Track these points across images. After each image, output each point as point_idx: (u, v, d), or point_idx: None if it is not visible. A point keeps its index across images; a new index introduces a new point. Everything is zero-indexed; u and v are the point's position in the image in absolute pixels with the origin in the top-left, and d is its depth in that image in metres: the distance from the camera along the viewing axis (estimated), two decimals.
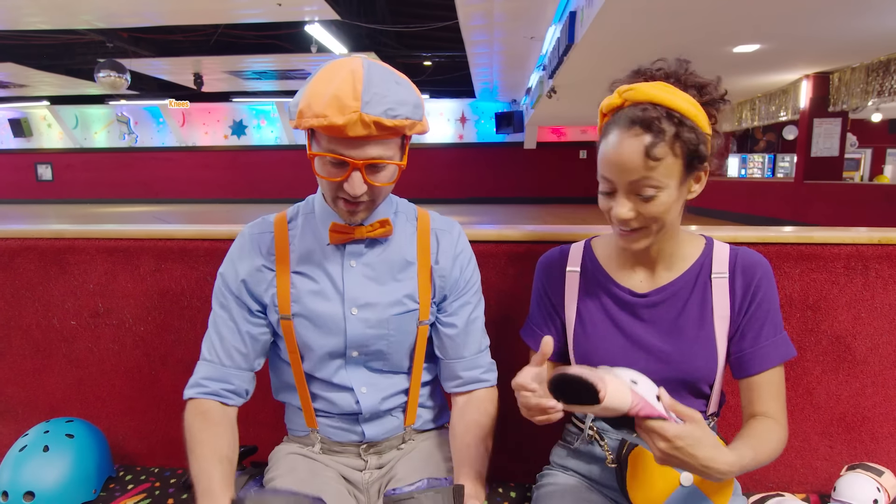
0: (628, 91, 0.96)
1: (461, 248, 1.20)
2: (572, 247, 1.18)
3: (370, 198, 1.04)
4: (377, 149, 0.98)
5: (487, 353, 1.22)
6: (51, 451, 1.33)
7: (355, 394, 1.16)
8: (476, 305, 1.21)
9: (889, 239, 1.31)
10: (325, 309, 1.12)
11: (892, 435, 1.39)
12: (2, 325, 1.54)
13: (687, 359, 1.05)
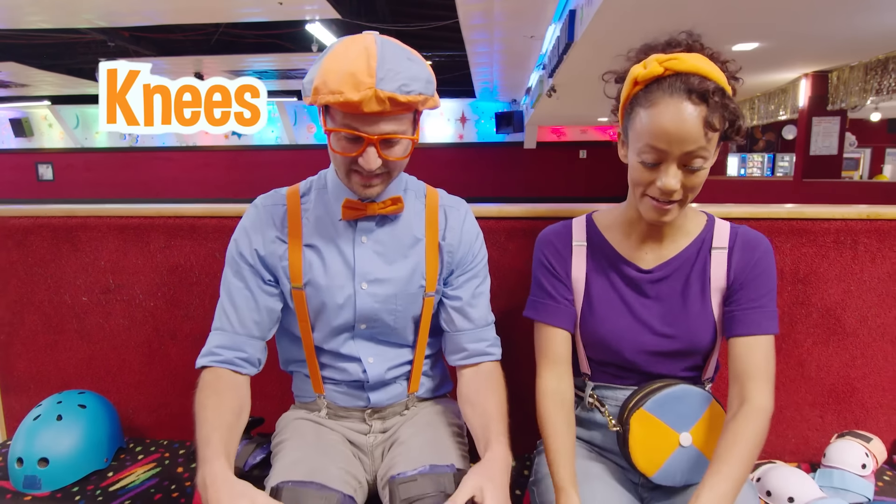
0: (671, 60, 0.94)
1: (469, 225, 1.23)
2: (574, 221, 1.19)
3: (386, 171, 1.07)
4: (391, 124, 1.01)
5: (493, 328, 1.24)
6: (64, 420, 1.37)
7: (363, 363, 1.20)
8: (482, 280, 1.24)
9: (877, 214, 1.35)
10: (336, 283, 1.15)
11: (880, 405, 1.43)
12: (15, 302, 1.58)
13: (689, 334, 1.09)
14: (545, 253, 1.17)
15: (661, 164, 0.97)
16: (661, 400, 1.06)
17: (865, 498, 1.26)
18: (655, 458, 1.06)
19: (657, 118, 0.94)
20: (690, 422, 1.06)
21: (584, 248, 1.15)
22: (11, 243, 1.56)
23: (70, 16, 8.31)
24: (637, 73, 0.97)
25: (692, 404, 1.07)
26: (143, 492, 1.32)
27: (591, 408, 1.17)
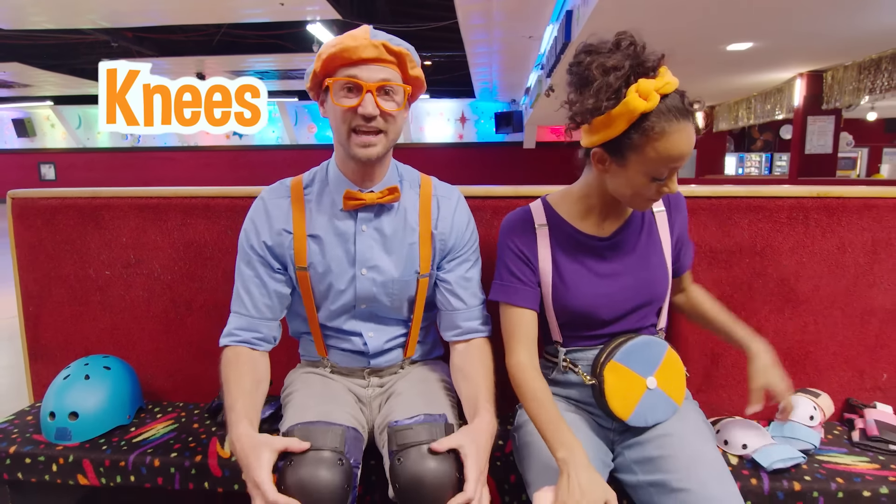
0: (664, 86, 1.04)
1: (459, 214, 1.34)
2: (532, 207, 1.30)
3: (384, 128, 1.18)
4: (385, 72, 1.16)
5: (483, 307, 1.35)
6: (91, 379, 1.51)
7: (364, 337, 1.34)
8: (473, 264, 1.36)
9: (826, 192, 1.50)
10: (338, 269, 1.28)
11: (832, 366, 1.57)
12: (43, 276, 1.73)
13: (649, 283, 1.24)
14: (512, 239, 1.27)
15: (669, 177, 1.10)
16: (627, 350, 1.21)
17: (812, 445, 1.39)
18: (628, 402, 1.21)
19: (674, 146, 1.05)
20: (654, 367, 1.22)
21: (545, 228, 1.27)
22: (40, 222, 1.70)
23: (73, 16, 8.41)
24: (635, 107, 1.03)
25: (653, 351, 1.23)
26: (163, 443, 1.47)
27: (566, 370, 1.29)
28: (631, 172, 1.11)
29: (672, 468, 1.11)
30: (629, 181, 1.12)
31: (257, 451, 1.07)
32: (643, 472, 1.16)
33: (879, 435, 1.42)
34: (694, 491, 1.05)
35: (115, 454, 1.41)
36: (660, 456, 1.15)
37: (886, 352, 1.56)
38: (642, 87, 1.03)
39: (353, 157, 1.21)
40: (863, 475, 1.30)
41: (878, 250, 1.52)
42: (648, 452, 1.18)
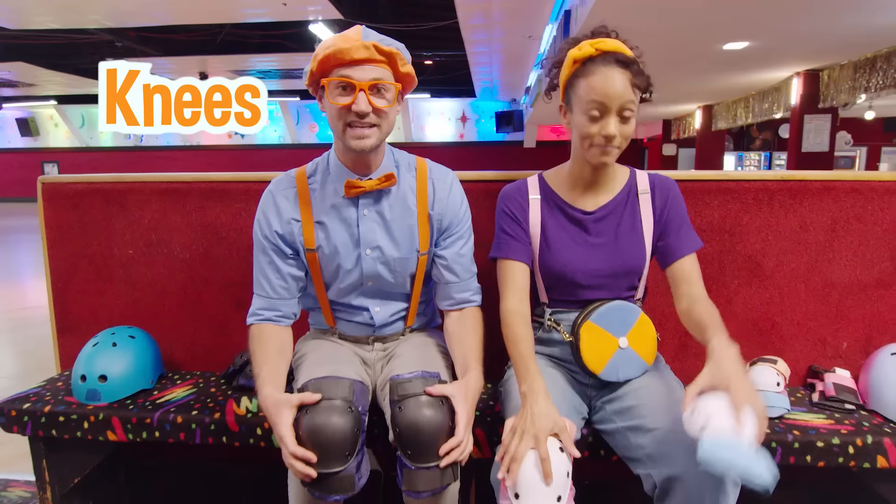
0: (600, 43, 1.26)
1: (454, 194, 1.46)
2: (528, 180, 1.46)
3: (377, 122, 1.30)
4: (377, 71, 1.27)
5: (475, 279, 1.50)
6: (118, 346, 1.66)
7: (370, 312, 1.49)
8: (466, 240, 1.48)
9: (789, 176, 1.64)
10: (344, 251, 1.42)
11: (795, 336, 1.72)
12: (70, 255, 1.87)
13: (625, 255, 1.39)
14: (507, 204, 1.43)
15: (603, 118, 1.26)
16: (602, 312, 1.36)
17: (785, 409, 1.52)
18: (601, 358, 1.35)
19: (599, 83, 1.24)
20: (626, 329, 1.36)
21: (538, 200, 1.43)
22: (69, 205, 1.85)
23: (77, 16, 8.52)
24: (574, 55, 1.28)
25: (626, 315, 1.37)
26: (185, 403, 1.61)
27: (550, 329, 1.45)
28: (576, 116, 1.29)
29: (646, 413, 1.25)
30: (577, 126, 1.30)
31: (279, 408, 1.23)
32: (621, 419, 1.30)
33: (837, 395, 1.56)
34: (666, 428, 1.19)
35: (141, 412, 1.56)
36: (635, 405, 1.29)
37: (846, 322, 1.70)
38: (582, 42, 1.28)
39: (349, 148, 1.32)
40: (818, 429, 1.44)
41: (836, 229, 1.66)
42: (625, 403, 1.32)
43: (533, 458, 1.09)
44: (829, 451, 1.40)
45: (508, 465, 1.10)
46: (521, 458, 1.09)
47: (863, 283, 1.68)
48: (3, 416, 1.59)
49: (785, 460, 1.41)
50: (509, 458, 1.10)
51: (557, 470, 1.09)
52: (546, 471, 1.07)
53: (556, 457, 1.10)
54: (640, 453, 1.21)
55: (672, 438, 1.15)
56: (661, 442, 1.18)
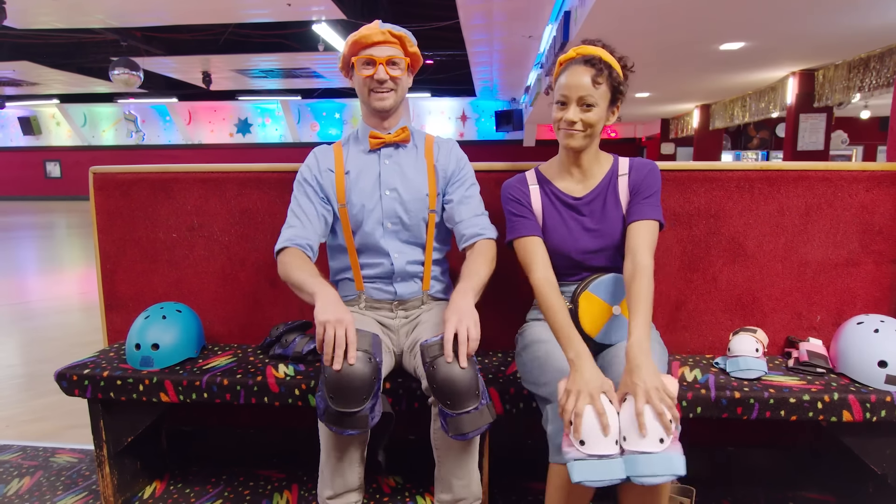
0: (581, 49, 1.52)
1: (455, 151, 1.76)
2: (526, 173, 1.68)
3: (393, 87, 1.64)
4: (391, 50, 1.62)
5: (485, 217, 1.70)
6: (167, 319, 1.85)
7: (391, 257, 1.69)
8: (470, 186, 1.73)
9: (768, 166, 1.84)
10: (368, 192, 1.69)
11: (774, 309, 1.91)
12: (119, 238, 2.06)
13: (613, 232, 1.59)
14: (512, 192, 1.64)
15: (567, 106, 1.50)
16: (598, 283, 1.56)
17: (763, 371, 1.71)
18: (597, 324, 1.55)
19: (565, 78, 1.50)
20: (619, 298, 1.56)
21: (537, 188, 1.64)
22: (118, 193, 2.04)
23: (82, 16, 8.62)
24: (560, 58, 1.56)
25: (619, 286, 1.57)
26: (228, 369, 1.80)
27: None
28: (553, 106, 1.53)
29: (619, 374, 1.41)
30: (553, 111, 1.53)
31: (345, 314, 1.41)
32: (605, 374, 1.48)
33: (809, 360, 1.75)
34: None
35: (191, 376, 1.75)
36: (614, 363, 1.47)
37: (819, 297, 1.90)
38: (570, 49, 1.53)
39: (373, 108, 1.66)
40: (791, 387, 1.63)
41: (810, 213, 1.86)
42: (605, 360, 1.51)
43: (591, 411, 1.26)
44: (800, 407, 1.59)
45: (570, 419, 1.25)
46: (581, 412, 1.26)
47: (834, 261, 1.88)
48: (66, 380, 1.78)
49: (762, 415, 1.60)
50: (569, 414, 1.25)
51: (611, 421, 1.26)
52: (604, 423, 1.24)
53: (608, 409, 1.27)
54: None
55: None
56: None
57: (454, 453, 1.56)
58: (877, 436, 1.63)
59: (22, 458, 2.26)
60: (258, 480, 2.04)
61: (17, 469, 2.17)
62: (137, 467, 1.98)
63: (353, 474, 1.61)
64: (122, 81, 10.28)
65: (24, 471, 2.15)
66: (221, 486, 2.01)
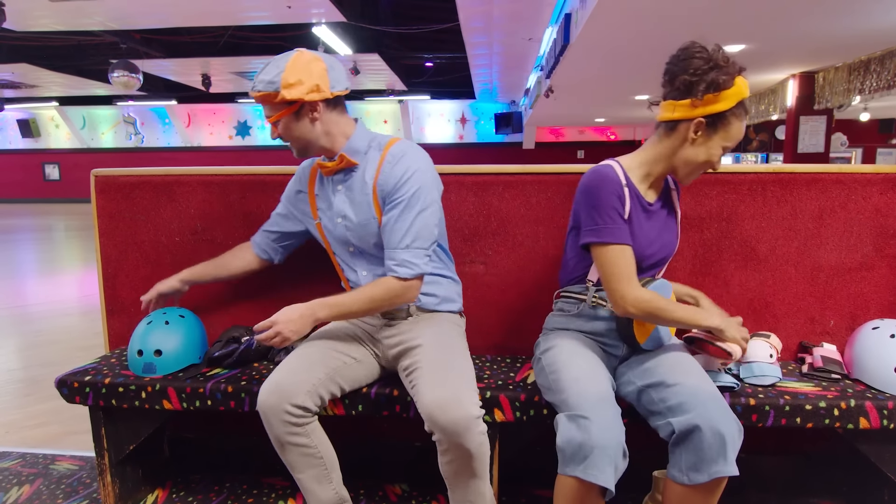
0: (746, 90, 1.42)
1: (400, 166, 1.55)
2: (614, 167, 1.50)
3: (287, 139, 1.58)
4: (266, 110, 1.54)
5: (408, 251, 1.53)
6: (170, 324, 1.82)
7: (358, 275, 1.68)
8: (403, 210, 1.53)
9: (780, 168, 1.81)
10: (329, 218, 1.67)
11: (787, 314, 1.88)
12: (122, 242, 2.03)
13: (670, 241, 1.60)
14: (615, 188, 1.48)
15: (724, 153, 1.48)
16: (656, 286, 1.52)
17: (777, 378, 1.69)
18: (645, 330, 1.53)
19: (742, 129, 1.45)
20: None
21: (627, 188, 1.50)
22: (120, 196, 2.01)
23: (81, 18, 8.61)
24: (743, 95, 1.41)
25: (666, 292, 1.55)
26: (233, 376, 1.77)
27: (594, 306, 1.58)
28: (714, 142, 1.44)
29: (664, 371, 1.43)
30: (709, 150, 1.45)
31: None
32: (641, 379, 1.46)
33: (824, 366, 1.72)
34: (685, 384, 1.37)
35: (195, 383, 1.71)
36: (655, 366, 1.47)
37: (832, 302, 1.87)
38: (737, 81, 1.41)
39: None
40: (806, 394, 1.60)
41: (824, 216, 1.83)
42: (645, 365, 1.50)
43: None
44: (816, 414, 1.56)
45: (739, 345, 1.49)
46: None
47: (847, 265, 1.85)
48: (66, 387, 1.75)
49: (777, 422, 1.57)
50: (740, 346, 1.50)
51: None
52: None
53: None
54: (661, 406, 1.38)
55: (693, 391, 1.34)
56: (681, 395, 1.35)
57: (463, 481, 1.49)
58: (893, 443, 1.60)
59: (22, 465, 2.23)
60: (262, 488, 2.01)
61: (17, 477, 2.13)
62: (139, 475, 1.95)
63: (326, 491, 1.57)
64: (121, 84, 10.25)
65: (24, 478, 2.12)
66: (224, 495, 1.98)
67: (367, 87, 14.34)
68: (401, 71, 12.66)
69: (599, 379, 1.42)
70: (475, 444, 1.39)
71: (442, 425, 1.36)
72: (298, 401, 1.47)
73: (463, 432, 1.36)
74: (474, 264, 1.95)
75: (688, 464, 1.30)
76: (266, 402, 1.47)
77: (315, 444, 1.51)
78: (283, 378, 1.50)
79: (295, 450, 1.50)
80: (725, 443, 1.27)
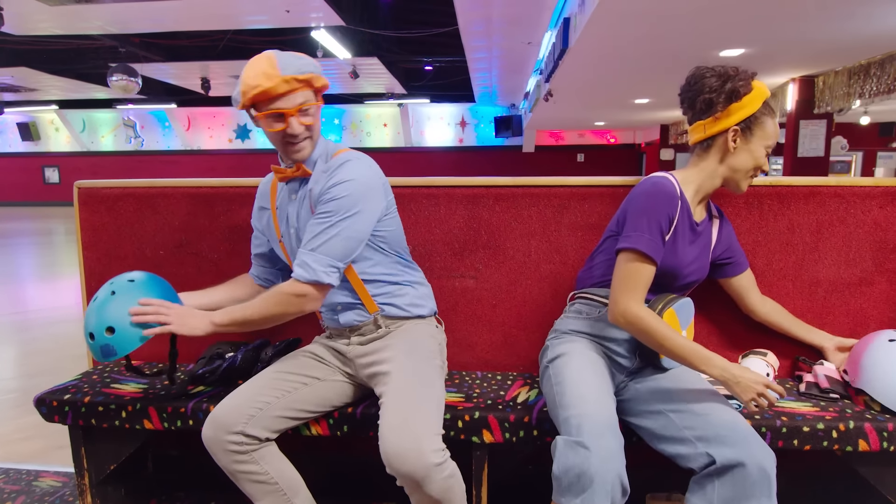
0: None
1: (336, 175, 1.46)
2: (670, 179, 1.49)
3: (308, 136, 1.48)
4: (301, 97, 1.43)
5: (311, 254, 1.43)
6: (117, 294, 1.46)
7: None
8: (318, 217, 1.45)
9: (778, 181, 1.76)
10: (286, 231, 1.59)
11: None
12: (105, 255, 1.99)
13: (706, 264, 1.58)
14: (669, 201, 1.45)
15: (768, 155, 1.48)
16: (681, 304, 1.49)
17: (776, 397, 1.64)
18: None
19: (777, 127, 1.48)
20: (687, 323, 1.52)
21: (680, 201, 1.49)
22: (104, 208, 1.97)
23: (81, 22, 8.62)
24: (766, 95, 1.45)
25: (690, 311, 1.53)
26: (215, 394, 1.71)
27: None
28: (754, 145, 1.47)
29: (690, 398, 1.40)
30: (752, 154, 1.47)
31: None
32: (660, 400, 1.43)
33: (831, 388, 1.66)
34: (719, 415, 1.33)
35: (177, 402, 1.67)
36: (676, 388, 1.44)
37: (831, 318, 1.83)
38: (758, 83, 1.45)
39: (293, 160, 1.52)
40: (804, 415, 1.56)
41: (822, 230, 1.79)
42: (663, 385, 1.47)
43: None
44: (814, 436, 1.51)
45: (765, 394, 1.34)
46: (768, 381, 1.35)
47: (846, 281, 1.81)
48: (45, 406, 1.71)
49: (774, 444, 1.52)
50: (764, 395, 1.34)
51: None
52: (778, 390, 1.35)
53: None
54: (687, 434, 1.33)
55: (731, 425, 1.30)
56: (717, 427, 1.30)
57: None
58: (894, 465, 1.55)
59: (4, 481, 2.18)
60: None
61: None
62: (122, 494, 1.91)
63: None
64: (119, 88, 10.26)
65: (6, 496, 2.07)
66: None
67: (366, 90, 14.32)
68: (400, 74, 12.64)
69: (605, 401, 1.37)
70: (438, 489, 1.32)
71: (402, 474, 1.30)
72: (237, 429, 1.44)
73: (423, 481, 1.30)
74: (464, 279, 1.90)
75: (722, 498, 1.26)
76: (206, 435, 1.46)
77: (265, 469, 1.47)
78: (221, 409, 1.47)
79: (244, 477, 1.47)
80: (770, 479, 1.25)
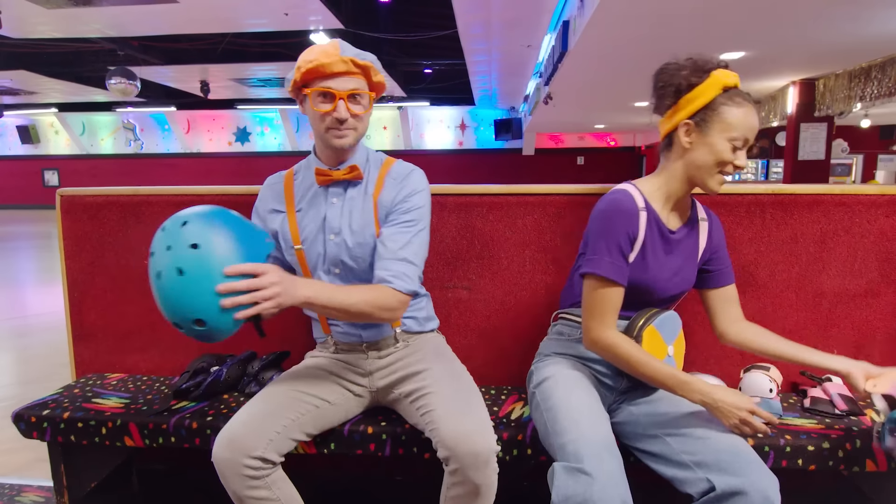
0: (736, 77, 1.34)
1: (408, 184, 1.48)
2: (630, 191, 1.41)
3: (354, 126, 1.42)
4: (354, 82, 1.40)
5: (405, 264, 1.41)
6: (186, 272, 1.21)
7: None
8: (401, 226, 1.45)
9: (780, 189, 1.71)
10: (316, 236, 1.50)
11: None
12: (88, 265, 1.94)
13: (689, 274, 1.47)
14: (623, 220, 1.37)
15: (741, 149, 1.34)
16: (663, 319, 1.42)
17: (779, 414, 1.59)
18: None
19: (744, 116, 1.31)
20: (673, 337, 1.44)
21: (645, 215, 1.40)
22: (86, 217, 1.91)
23: (80, 25, 8.61)
24: (725, 81, 1.32)
25: (675, 325, 1.45)
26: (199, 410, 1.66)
27: None
28: (713, 138, 1.33)
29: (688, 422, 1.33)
30: (712, 148, 1.33)
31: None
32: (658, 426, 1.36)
33: (848, 409, 1.59)
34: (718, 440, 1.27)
35: (158, 418, 1.61)
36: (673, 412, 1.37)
37: (835, 330, 1.77)
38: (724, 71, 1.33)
39: (331, 146, 1.45)
40: (808, 433, 1.50)
41: (826, 240, 1.73)
42: (660, 408, 1.40)
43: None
44: (820, 455, 1.45)
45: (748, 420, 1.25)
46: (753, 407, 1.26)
47: (851, 292, 1.75)
48: (23, 422, 1.65)
49: (777, 464, 1.46)
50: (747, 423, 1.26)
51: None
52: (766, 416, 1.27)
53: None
54: (686, 458, 1.27)
55: (732, 450, 1.24)
56: (717, 452, 1.24)
57: None
58: None
59: None
60: None
61: None
62: None
63: None
64: (118, 91, 10.23)
65: None
66: None
67: None
68: (400, 77, 12.60)
69: (599, 421, 1.31)
70: (488, 480, 1.31)
71: (462, 456, 1.27)
72: (257, 453, 1.35)
73: (482, 466, 1.29)
74: (457, 289, 1.85)
75: None
76: (220, 456, 1.35)
77: (277, 496, 1.39)
78: (239, 428, 1.37)
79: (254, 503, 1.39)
80: None
